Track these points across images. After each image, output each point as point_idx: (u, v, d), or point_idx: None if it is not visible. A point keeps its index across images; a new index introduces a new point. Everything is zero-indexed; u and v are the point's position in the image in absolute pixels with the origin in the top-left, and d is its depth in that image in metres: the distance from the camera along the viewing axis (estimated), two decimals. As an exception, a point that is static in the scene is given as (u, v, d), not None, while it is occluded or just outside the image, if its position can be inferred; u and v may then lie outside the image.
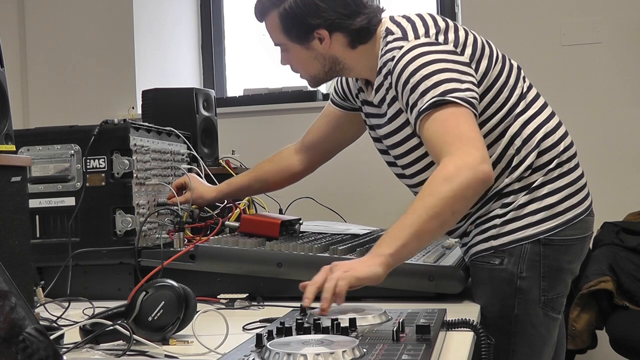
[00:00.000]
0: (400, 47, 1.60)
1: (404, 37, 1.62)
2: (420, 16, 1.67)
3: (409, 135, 1.67)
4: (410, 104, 1.56)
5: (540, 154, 1.64)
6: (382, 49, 1.66)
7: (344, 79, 1.86)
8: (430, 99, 1.51)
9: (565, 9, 3.48)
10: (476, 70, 1.61)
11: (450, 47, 1.60)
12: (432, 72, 1.54)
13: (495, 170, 1.60)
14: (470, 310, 1.56)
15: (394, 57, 1.60)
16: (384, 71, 1.64)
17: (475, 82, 1.57)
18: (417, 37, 1.62)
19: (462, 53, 1.61)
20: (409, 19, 1.67)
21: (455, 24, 1.68)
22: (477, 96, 1.55)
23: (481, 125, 1.60)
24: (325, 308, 1.29)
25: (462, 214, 1.54)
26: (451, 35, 1.62)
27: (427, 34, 1.62)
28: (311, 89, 3.02)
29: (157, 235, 1.93)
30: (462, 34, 1.64)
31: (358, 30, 1.67)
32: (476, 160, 1.44)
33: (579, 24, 3.46)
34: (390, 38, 1.64)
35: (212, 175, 2.23)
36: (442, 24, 1.65)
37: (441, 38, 1.61)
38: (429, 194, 1.43)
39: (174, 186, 2.01)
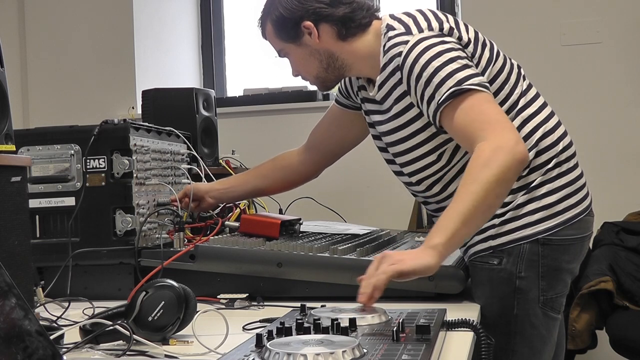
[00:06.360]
0: (406, 42, 1.60)
1: (408, 32, 1.63)
2: (420, 11, 1.68)
3: (415, 132, 1.67)
4: (426, 98, 1.57)
5: (538, 154, 1.64)
6: (384, 45, 1.66)
7: (347, 76, 1.87)
8: (448, 89, 1.52)
9: (565, 9, 3.48)
10: (477, 65, 1.62)
11: (454, 40, 1.61)
12: (444, 62, 1.55)
13: None
14: (470, 310, 1.56)
15: (401, 52, 1.60)
16: (390, 67, 1.65)
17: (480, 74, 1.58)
18: (420, 30, 1.62)
19: (465, 48, 1.62)
20: (409, 15, 1.68)
21: (456, 19, 1.69)
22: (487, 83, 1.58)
23: None
24: (364, 302, 1.30)
25: (506, 196, 1.54)
26: (453, 28, 1.63)
27: (430, 27, 1.63)
28: (312, 88, 3.02)
29: (157, 235, 1.93)
30: (462, 27, 1.66)
31: (342, 19, 1.69)
32: (511, 142, 1.45)
33: (579, 24, 3.46)
34: (392, 34, 1.65)
35: (212, 175, 2.23)
36: (442, 17, 1.66)
37: (446, 29, 1.62)
38: (471, 181, 1.43)
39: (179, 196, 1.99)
